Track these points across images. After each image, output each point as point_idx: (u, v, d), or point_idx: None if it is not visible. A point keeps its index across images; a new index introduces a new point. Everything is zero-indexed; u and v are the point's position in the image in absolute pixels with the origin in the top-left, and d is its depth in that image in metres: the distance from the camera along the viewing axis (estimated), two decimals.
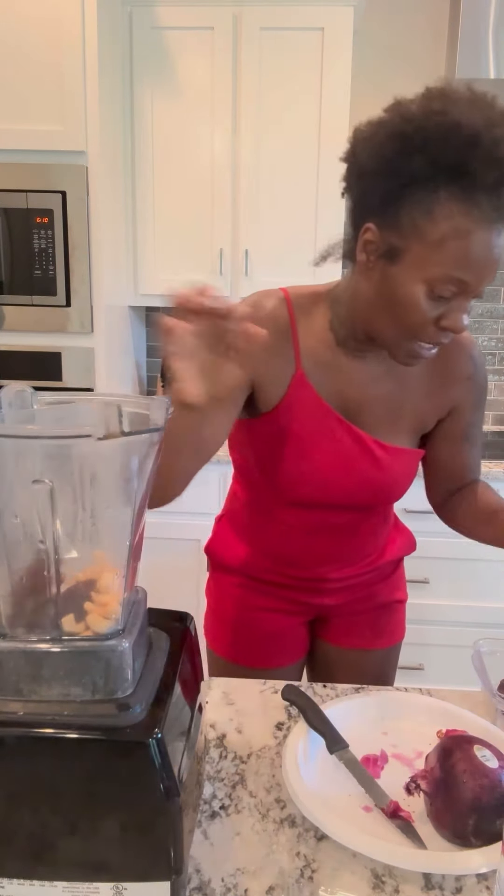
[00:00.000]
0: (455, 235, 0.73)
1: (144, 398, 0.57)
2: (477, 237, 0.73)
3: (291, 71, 2.18)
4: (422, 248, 0.76)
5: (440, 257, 0.75)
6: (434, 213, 0.74)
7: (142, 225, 2.31)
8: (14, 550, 0.55)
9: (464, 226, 0.73)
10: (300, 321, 0.91)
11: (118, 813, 0.53)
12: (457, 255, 0.74)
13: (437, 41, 2.44)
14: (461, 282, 0.76)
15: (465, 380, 0.98)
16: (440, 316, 0.79)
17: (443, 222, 0.74)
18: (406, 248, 0.77)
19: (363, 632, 1.12)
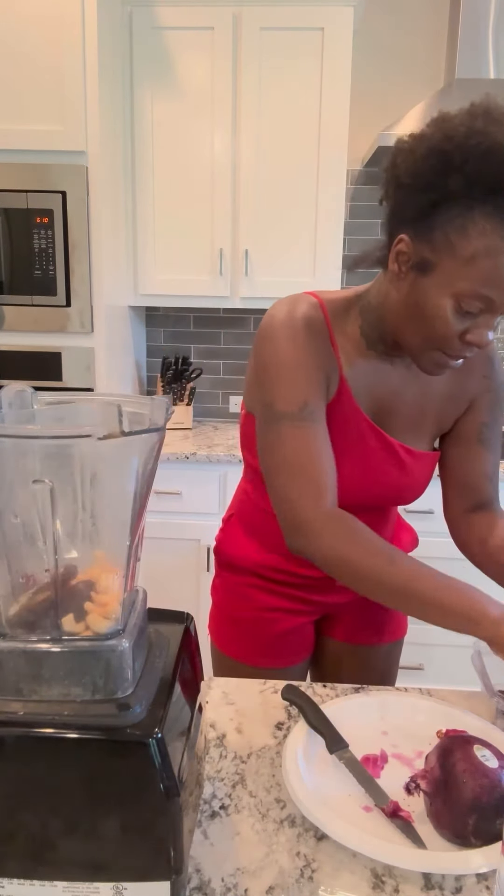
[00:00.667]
0: (486, 254, 0.75)
1: (144, 398, 0.57)
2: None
3: (291, 71, 2.18)
4: (453, 263, 0.77)
5: (470, 274, 0.76)
6: (468, 230, 0.75)
7: (142, 225, 2.31)
8: (14, 550, 0.55)
9: (495, 245, 0.74)
10: (335, 326, 0.92)
11: (118, 813, 0.53)
12: (487, 273, 0.75)
13: (437, 41, 2.44)
14: (489, 299, 0.77)
15: (481, 377, 1.00)
16: (465, 330, 0.80)
17: (475, 240, 0.75)
18: (437, 262, 0.79)
19: (369, 628, 1.14)
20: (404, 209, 0.81)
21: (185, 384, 2.61)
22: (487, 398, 1.01)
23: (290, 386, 0.86)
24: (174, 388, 2.60)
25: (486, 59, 2.15)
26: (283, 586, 1.08)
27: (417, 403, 0.97)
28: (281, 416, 0.86)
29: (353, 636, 1.14)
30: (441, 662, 2.25)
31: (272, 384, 0.87)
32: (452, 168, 0.75)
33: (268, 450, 0.88)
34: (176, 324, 2.74)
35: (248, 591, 1.10)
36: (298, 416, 0.86)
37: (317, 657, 1.19)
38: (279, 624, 1.09)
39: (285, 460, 0.86)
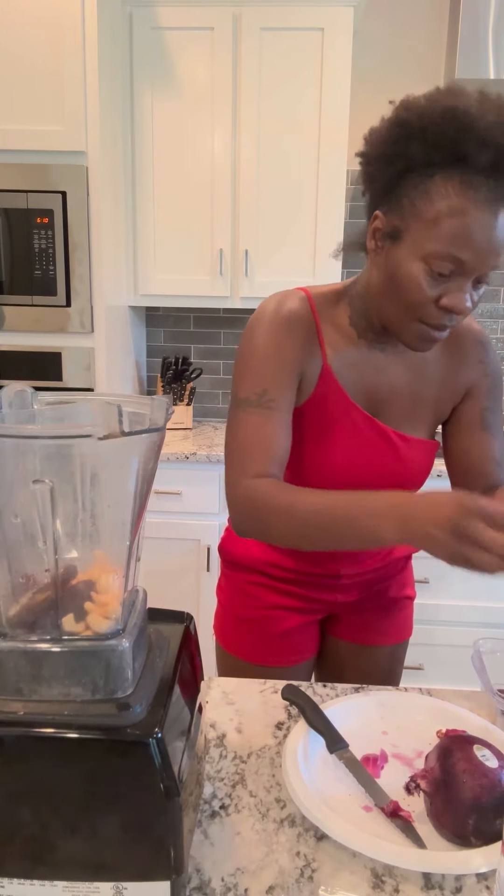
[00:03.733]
0: (450, 213, 0.76)
1: (144, 398, 0.57)
2: (472, 216, 0.76)
3: (291, 71, 2.18)
4: (419, 226, 0.79)
5: (436, 235, 0.77)
6: (430, 193, 0.78)
7: (142, 225, 2.31)
8: (14, 550, 0.55)
9: (459, 205, 0.76)
10: (323, 318, 0.93)
11: (118, 813, 0.53)
12: (452, 232, 0.77)
13: (437, 41, 2.44)
14: (457, 259, 0.78)
15: (476, 363, 1.00)
16: (440, 295, 0.81)
17: (438, 202, 0.77)
18: (405, 228, 0.81)
19: (374, 628, 1.14)
20: (375, 185, 0.85)
21: (185, 384, 2.61)
22: (485, 383, 1.01)
23: (253, 374, 0.90)
24: (174, 388, 2.60)
25: (486, 59, 2.15)
26: (288, 584, 1.08)
27: (411, 391, 0.97)
28: (241, 401, 0.90)
29: (358, 636, 1.14)
30: (441, 662, 2.25)
31: (240, 373, 0.92)
32: (412, 136, 0.77)
33: (228, 433, 0.91)
34: (176, 324, 2.74)
35: (253, 590, 1.10)
36: (256, 402, 0.89)
37: (322, 656, 1.19)
38: (284, 622, 1.09)
39: (236, 442, 0.89)
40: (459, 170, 0.76)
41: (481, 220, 0.76)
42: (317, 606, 1.10)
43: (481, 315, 2.65)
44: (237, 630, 1.12)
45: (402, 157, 0.79)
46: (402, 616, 1.16)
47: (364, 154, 0.85)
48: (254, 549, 1.10)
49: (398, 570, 1.14)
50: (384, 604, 1.13)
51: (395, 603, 1.14)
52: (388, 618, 1.14)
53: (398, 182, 0.81)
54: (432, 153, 0.77)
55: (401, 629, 1.16)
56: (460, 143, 0.75)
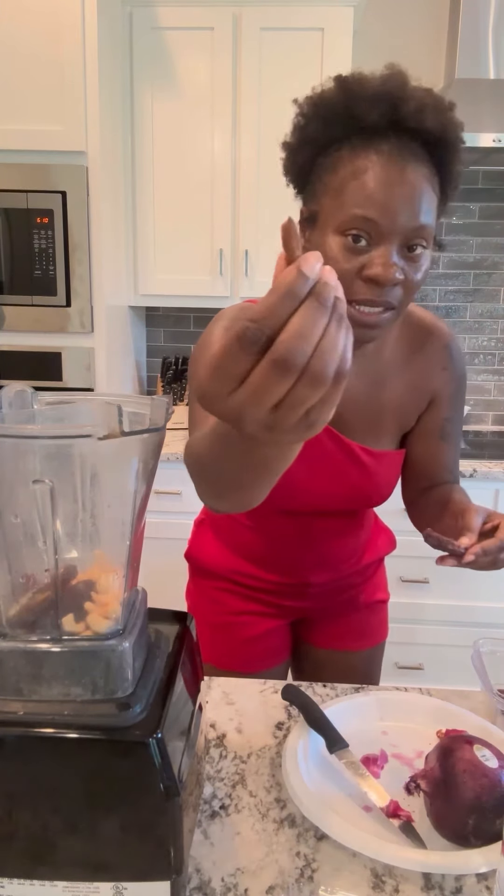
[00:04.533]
0: (353, 175, 0.74)
1: (144, 398, 0.57)
2: (374, 172, 0.72)
3: (291, 71, 2.18)
4: (329, 200, 0.76)
5: (343, 201, 0.74)
6: (335, 165, 0.76)
7: (142, 225, 2.31)
8: (14, 550, 0.55)
9: (361, 166, 0.73)
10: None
11: (118, 813, 0.53)
12: (357, 194, 0.73)
13: (437, 41, 2.44)
14: (367, 220, 0.73)
15: (441, 370, 0.96)
16: (361, 266, 0.75)
17: (342, 169, 0.75)
18: (319, 208, 0.78)
19: (347, 634, 1.12)
20: (293, 182, 0.83)
21: (186, 384, 2.61)
22: (448, 391, 0.98)
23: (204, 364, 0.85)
24: (174, 388, 2.60)
25: (486, 59, 2.15)
26: (255, 591, 1.07)
27: (373, 402, 0.93)
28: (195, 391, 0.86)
29: (330, 642, 1.12)
30: (441, 662, 2.25)
31: (195, 365, 0.86)
32: (309, 119, 0.77)
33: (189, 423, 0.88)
34: (176, 324, 2.74)
35: (220, 596, 1.09)
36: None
37: (297, 662, 1.18)
38: (251, 628, 1.08)
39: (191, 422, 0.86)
40: (361, 137, 0.74)
41: (385, 175, 0.72)
42: (285, 612, 1.09)
43: (481, 315, 2.65)
44: (207, 636, 1.10)
45: (305, 144, 0.78)
46: (375, 620, 1.14)
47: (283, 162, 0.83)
48: (219, 556, 1.08)
49: (369, 575, 1.13)
50: (356, 608, 1.12)
51: (369, 607, 1.13)
52: (361, 622, 1.12)
53: (309, 169, 0.79)
54: (330, 128, 0.75)
55: (375, 633, 1.14)
56: (351, 107, 0.73)
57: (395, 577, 2.14)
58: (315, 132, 0.76)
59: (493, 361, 2.69)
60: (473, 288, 2.62)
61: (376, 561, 1.13)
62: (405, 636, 2.21)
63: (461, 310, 2.65)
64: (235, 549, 1.06)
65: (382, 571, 1.17)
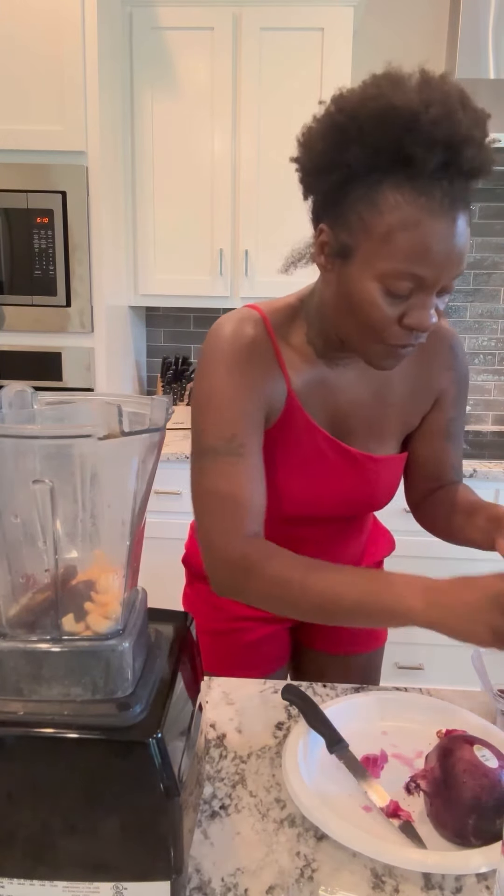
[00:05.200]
0: (402, 227, 0.68)
1: (144, 398, 0.57)
2: (427, 227, 0.68)
3: (291, 71, 2.18)
4: (370, 243, 0.71)
5: (389, 252, 0.69)
6: (379, 205, 0.69)
7: (142, 225, 2.31)
8: (14, 550, 0.55)
9: (412, 216, 0.68)
10: (281, 341, 0.86)
11: (118, 813, 0.53)
12: (406, 249, 0.69)
13: (437, 41, 2.44)
14: (415, 276, 0.70)
15: (446, 370, 0.95)
16: (402, 314, 0.73)
17: (388, 214, 0.69)
18: (356, 245, 0.72)
19: (347, 637, 1.11)
20: (317, 197, 0.77)
21: (185, 384, 2.61)
22: (453, 391, 0.96)
23: (218, 419, 0.82)
24: (174, 388, 2.60)
25: (486, 59, 2.15)
26: None
27: (377, 407, 0.92)
28: (207, 449, 0.83)
29: (332, 646, 1.12)
30: (441, 662, 2.25)
31: (202, 416, 0.84)
32: (349, 140, 0.69)
33: (194, 482, 0.85)
34: (176, 324, 2.74)
35: (218, 601, 1.07)
36: (224, 450, 0.81)
37: (297, 666, 1.17)
38: (252, 633, 1.07)
39: (207, 494, 0.83)
40: (407, 174, 0.68)
41: (438, 229, 0.68)
42: (283, 617, 1.05)
43: (481, 315, 2.65)
44: (204, 642, 1.08)
45: (341, 166, 0.71)
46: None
47: (299, 162, 0.77)
48: None
49: None
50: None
51: None
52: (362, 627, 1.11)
53: (341, 193, 0.72)
54: (374, 158, 0.68)
55: (375, 636, 1.14)
56: (404, 144, 0.66)
57: None
58: (356, 159, 0.69)
59: (493, 361, 2.69)
60: (473, 288, 2.62)
61: (375, 563, 1.13)
62: (405, 636, 2.21)
63: (461, 310, 2.65)
64: None
65: None
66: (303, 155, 0.77)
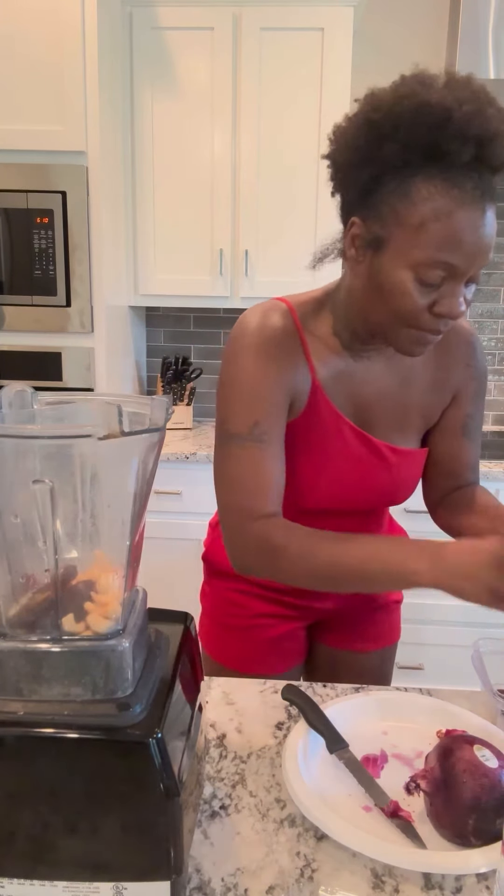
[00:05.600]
0: (435, 217, 0.72)
1: (144, 398, 0.57)
2: (459, 217, 0.72)
3: (291, 71, 2.18)
4: (403, 233, 0.75)
5: (423, 241, 0.73)
6: (412, 197, 0.73)
7: (142, 225, 2.31)
8: (14, 550, 0.55)
9: (444, 207, 0.72)
10: (307, 330, 0.89)
11: (118, 813, 0.53)
12: (439, 237, 0.72)
13: (437, 41, 2.44)
14: (448, 265, 0.74)
15: (464, 366, 0.97)
16: (433, 302, 0.77)
17: (421, 205, 0.73)
18: (389, 236, 0.76)
19: (362, 634, 1.12)
20: (350, 191, 0.80)
21: (185, 384, 2.61)
22: (471, 388, 0.98)
23: (242, 406, 0.85)
24: (174, 388, 2.60)
25: (486, 59, 2.15)
26: (273, 591, 1.06)
27: (400, 399, 0.94)
28: (231, 436, 0.85)
29: (346, 642, 1.12)
30: (441, 662, 2.25)
31: (227, 403, 0.87)
32: (384, 137, 0.73)
33: (217, 466, 0.88)
34: (176, 324, 2.74)
35: (238, 598, 1.08)
36: (248, 437, 0.84)
37: (310, 663, 1.18)
38: (271, 630, 1.08)
39: (230, 478, 0.85)
40: (440, 167, 0.72)
41: (469, 219, 0.72)
42: (302, 613, 1.09)
43: (481, 315, 2.65)
44: (223, 638, 1.10)
45: (375, 161, 0.75)
46: (389, 620, 1.14)
47: (332, 158, 0.81)
48: None
49: None
50: (372, 609, 1.12)
51: (383, 608, 1.13)
52: (375, 623, 1.13)
53: (374, 186, 0.76)
54: (409, 153, 0.72)
55: (389, 633, 1.15)
56: (438, 139, 0.70)
57: None
58: (391, 154, 0.73)
59: (493, 361, 2.69)
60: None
61: None
62: (406, 636, 2.21)
63: None
64: None
65: None
66: (335, 152, 0.80)
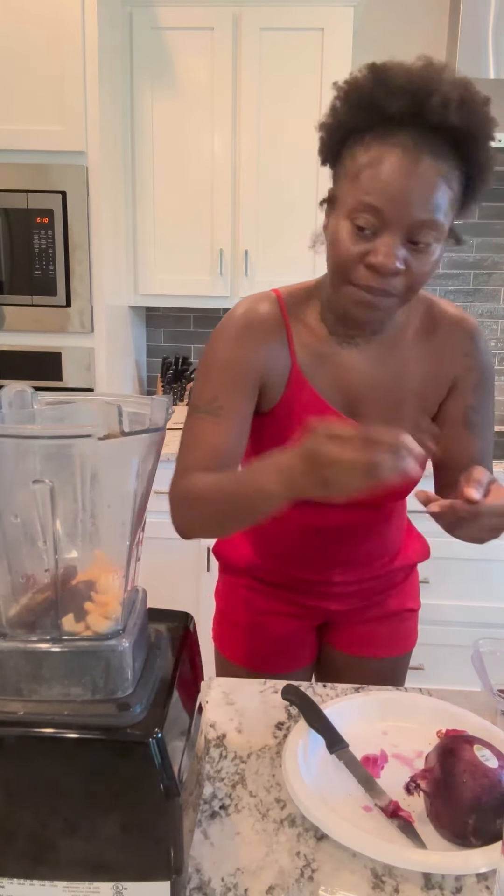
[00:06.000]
0: (369, 164, 0.76)
1: (144, 398, 0.57)
2: (389, 162, 0.74)
3: (291, 71, 2.18)
4: (345, 184, 0.79)
5: (356, 188, 0.77)
6: (356, 151, 0.78)
7: (142, 225, 2.31)
8: (14, 550, 0.55)
9: (377, 155, 0.75)
10: (293, 318, 0.91)
11: (118, 813, 0.53)
12: (368, 182, 0.75)
13: (437, 41, 2.44)
14: (374, 209, 0.75)
15: (462, 356, 0.94)
16: (365, 252, 0.78)
17: (361, 156, 0.77)
18: (339, 191, 0.81)
19: (373, 640, 1.10)
20: (325, 159, 0.86)
21: (185, 384, 2.61)
22: (471, 378, 0.95)
23: (207, 382, 0.90)
24: (174, 388, 2.60)
25: (486, 59, 2.14)
26: (279, 589, 1.06)
27: (393, 390, 0.92)
28: (194, 406, 0.91)
29: (356, 648, 1.10)
30: (441, 662, 2.24)
31: (198, 378, 0.92)
32: (340, 101, 0.79)
33: (181, 439, 0.92)
34: (176, 324, 2.74)
35: (245, 594, 1.09)
36: (204, 409, 0.89)
37: (320, 666, 1.17)
38: (276, 628, 1.07)
39: (183, 444, 0.90)
40: (382, 126, 0.75)
41: (399, 165, 0.74)
42: (309, 612, 1.08)
43: (481, 315, 2.65)
44: (233, 635, 1.10)
45: (337, 128, 0.80)
46: (403, 628, 1.12)
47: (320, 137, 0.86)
48: (245, 553, 1.08)
49: (398, 581, 1.10)
50: (384, 615, 1.09)
51: (396, 615, 1.10)
52: (388, 630, 1.10)
53: (336, 152, 0.82)
54: (357, 114, 0.77)
55: (403, 642, 1.12)
56: (376, 95, 0.74)
57: None
58: (345, 116, 0.78)
59: (493, 361, 2.69)
60: (473, 288, 2.62)
61: (408, 567, 1.11)
62: None
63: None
64: (258, 545, 1.06)
65: (414, 579, 1.14)
66: (319, 132, 0.85)
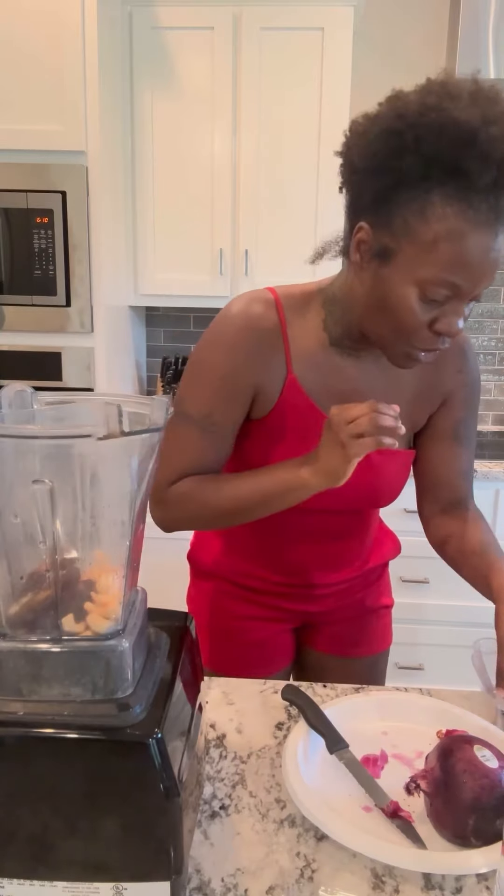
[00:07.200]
0: (448, 237, 0.71)
1: (144, 398, 0.57)
2: (471, 240, 0.71)
3: (291, 71, 2.18)
4: (413, 249, 0.74)
5: (432, 259, 0.73)
6: (426, 213, 0.72)
7: (142, 225, 2.31)
8: (14, 550, 0.55)
9: (457, 228, 0.71)
10: (291, 323, 0.88)
11: (118, 813, 0.53)
12: (449, 258, 0.72)
13: (437, 41, 2.44)
14: (454, 285, 0.74)
15: (455, 372, 0.96)
16: (434, 319, 0.77)
17: (435, 223, 0.72)
18: (398, 249, 0.75)
19: (351, 639, 1.11)
20: (362, 196, 0.78)
21: None
22: (462, 393, 0.97)
23: (202, 393, 0.88)
24: (174, 388, 2.60)
25: (486, 59, 2.15)
26: (257, 594, 1.05)
27: (387, 397, 0.92)
28: (185, 415, 0.89)
29: (335, 648, 1.11)
30: (441, 662, 2.25)
31: (190, 382, 0.89)
32: (406, 149, 0.71)
33: (167, 439, 0.90)
34: (176, 324, 2.74)
35: (221, 600, 1.07)
36: (198, 423, 0.88)
37: (300, 668, 1.17)
38: (253, 633, 1.07)
39: (168, 451, 0.90)
40: (458, 187, 0.70)
41: (480, 242, 0.71)
42: (288, 616, 1.07)
43: (481, 315, 2.65)
44: (207, 641, 1.08)
45: (393, 171, 0.73)
46: (380, 625, 1.13)
47: (346, 157, 0.79)
48: (222, 558, 1.07)
49: (374, 579, 1.11)
50: (361, 614, 1.10)
51: (373, 612, 1.12)
52: (365, 628, 1.11)
53: (388, 195, 0.75)
54: (429, 168, 0.71)
55: (380, 639, 1.13)
56: (461, 159, 0.69)
57: (396, 578, 2.14)
58: (410, 166, 0.71)
59: (493, 361, 2.69)
60: None
61: (381, 565, 1.12)
62: (405, 636, 2.21)
63: None
64: (239, 549, 1.05)
65: (387, 576, 1.16)
66: (351, 151, 0.79)
